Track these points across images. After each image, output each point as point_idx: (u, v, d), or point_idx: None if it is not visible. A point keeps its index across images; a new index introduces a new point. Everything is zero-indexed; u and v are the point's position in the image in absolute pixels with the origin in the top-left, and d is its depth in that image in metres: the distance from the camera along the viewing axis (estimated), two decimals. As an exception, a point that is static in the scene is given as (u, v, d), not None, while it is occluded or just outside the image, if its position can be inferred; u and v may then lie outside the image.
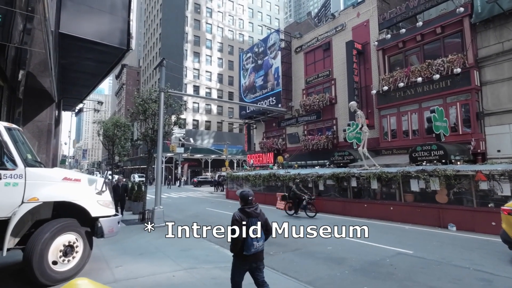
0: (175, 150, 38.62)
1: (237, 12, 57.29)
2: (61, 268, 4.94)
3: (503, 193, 9.32)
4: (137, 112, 12.28)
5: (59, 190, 5.00)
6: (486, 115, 14.38)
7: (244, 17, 58.25)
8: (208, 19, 53.37)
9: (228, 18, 56.00)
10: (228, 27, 55.69)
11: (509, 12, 13.48)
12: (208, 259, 6.77)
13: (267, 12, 62.12)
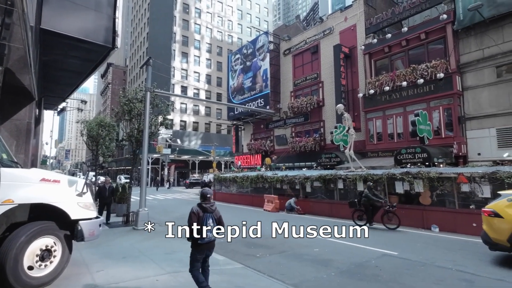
0: (162, 151, 38.07)
1: (226, 13, 57.20)
2: (38, 273, 4.72)
3: (483, 195, 9.59)
4: (122, 112, 11.98)
5: (36, 191, 4.78)
6: (468, 119, 14.82)
7: (233, 18, 58.22)
8: (197, 20, 53.04)
9: (217, 19, 55.83)
10: (217, 28, 55.51)
11: (489, 20, 13.97)
12: (194, 262, 6.63)
13: (256, 14, 62.31)
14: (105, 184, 12.17)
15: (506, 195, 6.35)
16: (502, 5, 13.59)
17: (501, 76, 14.04)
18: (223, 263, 6.66)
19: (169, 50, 48.96)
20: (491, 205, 6.51)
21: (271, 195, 16.85)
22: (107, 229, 10.19)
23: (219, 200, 22.47)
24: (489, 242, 6.36)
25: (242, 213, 15.80)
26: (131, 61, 65.34)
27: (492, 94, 14.18)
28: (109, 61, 73.77)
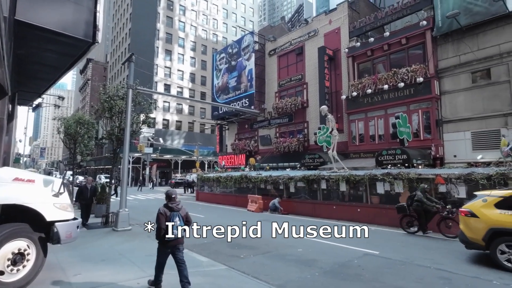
0: (143, 150, 37.23)
1: (211, 11, 56.71)
2: (9, 278, 4.45)
3: (459, 195, 9.98)
4: (102, 109, 11.58)
5: (9, 191, 4.51)
6: (445, 123, 15.40)
7: (218, 17, 57.80)
8: (181, 17, 52.26)
9: (202, 17, 55.25)
10: (202, 26, 54.92)
11: (466, 28, 14.58)
12: (176, 264, 6.48)
13: (241, 14, 62.16)
14: (86, 184, 11.51)
15: (481, 196, 6.62)
16: (478, 14, 14.22)
17: (476, 81, 14.68)
18: (207, 265, 6.57)
19: (152, 47, 47.95)
20: (468, 205, 6.77)
21: (255, 195, 16.83)
22: (84, 230, 9.81)
23: (202, 200, 22.23)
24: (466, 241, 6.61)
25: (225, 213, 15.69)
26: (112, 57, 63.50)
27: (467, 98, 14.80)
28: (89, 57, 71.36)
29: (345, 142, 18.86)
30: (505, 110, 13.55)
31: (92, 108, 18.10)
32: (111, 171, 12.50)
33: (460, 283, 5.44)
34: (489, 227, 6.14)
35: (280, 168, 21.91)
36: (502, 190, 6.62)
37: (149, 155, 39.11)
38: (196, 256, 7.26)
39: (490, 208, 6.28)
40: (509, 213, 6.01)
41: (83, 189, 11.11)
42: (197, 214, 14.99)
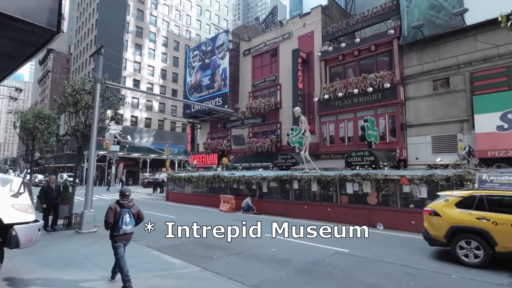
0: (110, 148, 35.47)
1: (184, 7, 55.46)
2: (-42, 288, 4.01)
3: (421, 195, 10.64)
4: (66, 103, 10.86)
5: (-41, 192, 4.07)
6: (408, 127, 16.34)
7: (192, 13, 56.68)
8: (153, 11, 50.54)
9: (175, 13, 53.84)
10: (175, 21, 53.53)
11: (429, 38, 15.59)
12: (147, 267, 6.26)
13: (215, 12, 61.48)
14: (49, 183, 10.21)
15: (444, 196, 7.11)
16: (439, 26, 15.27)
17: (436, 89, 15.75)
18: (179, 267, 6.40)
19: (120, 40, 45.85)
20: (431, 205, 7.23)
21: (227, 195, 16.71)
22: (44, 233, 9.12)
23: (173, 200, 21.67)
24: (429, 238, 7.05)
25: (197, 213, 15.41)
26: (77, 49, 59.86)
27: (428, 105, 15.83)
28: (51, 47, 66.64)
29: (317, 143, 19.35)
30: (461, 116, 14.68)
31: (54, 102, 16.65)
32: (75, 170, 11.73)
33: (423, 278, 5.79)
34: (450, 225, 6.61)
35: (253, 168, 21.97)
36: (462, 191, 7.15)
37: (115, 153, 37.32)
38: (168, 258, 7.05)
39: (451, 207, 6.76)
40: (468, 212, 6.50)
41: (46, 189, 9.93)
42: (168, 215, 14.58)
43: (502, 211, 6.22)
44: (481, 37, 14.35)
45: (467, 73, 14.67)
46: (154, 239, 9.26)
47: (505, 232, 5.98)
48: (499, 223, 6.07)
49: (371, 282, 5.62)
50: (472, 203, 6.57)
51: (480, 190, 6.76)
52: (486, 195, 6.54)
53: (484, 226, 6.22)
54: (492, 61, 14.02)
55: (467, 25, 14.32)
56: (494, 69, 13.87)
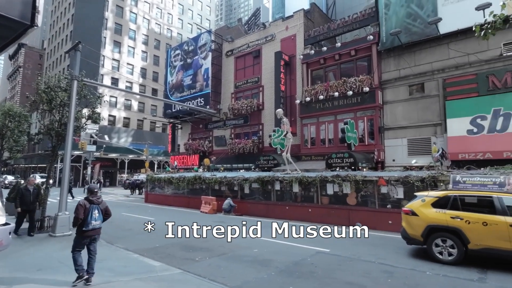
0: (85, 148, 34.17)
1: (166, 5, 54.51)
2: None
3: (398, 196, 11.02)
4: (40, 100, 10.36)
5: None
6: (386, 130, 16.91)
7: (173, 12, 55.80)
8: (133, 8, 49.30)
9: (156, 11, 52.80)
10: (156, 20, 52.48)
11: (405, 45, 16.23)
12: (126, 270, 6.08)
13: (198, 12, 60.88)
14: (27, 185, 9.49)
15: (421, 196, 7.40)
16: (415, 34, 15.94)
17: (412, 94, 16.41)
18: (160, 269, 6.26)
19: (98, 37, 44.33)
20: (409, 205, 7.50)
21: (208, 197, 16.56)
22: (15, 237, 8.65)
23: (152, 202, 21.18)
24: (407, 237, 7.31)
25: (177, 215, 15.14)
26: (51, 44, 57.28)
27: (405, 109, 16.47)
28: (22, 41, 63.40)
29: (298, 145, 19.59)
30: (435, 120, 15.39)
31: (26, 99, 15.76)
32: (48, 170, 11.19)
33: (400, 275, 6.00)
34: (427, 224, 6.89)
35: (235, 169, 21.90)
36: (438, 191, 7.48)
37: (91, 153, 35.98)
38: (148, 261, 6.88)
39: (427, 207, 7.05)
40: (443, 211, 6.81)
41: (23, 191, 9.23)
42: (147, 217, 14.23)
43: (474, 210, 6.55)
44: (453, 45, 15.13)
45: (440, 79, 15.41)
46: (134, 241, 9.03)
47: (477, 230, 6.31)
48: (471, 221, 6.39)
49: (351, 280, 5.76)
50: (447, 203, 6.88)
51: (454, 191, 7.09)
52: (460, 195, 6.87)
53: (458, 225, 6.53)
54: (463, 68, 14.81)
55: (441, 33, 15.05)
56: (465, 76, 14.65)
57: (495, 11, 4.56)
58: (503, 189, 6.71)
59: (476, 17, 12.94)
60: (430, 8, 15.51)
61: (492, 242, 6.16)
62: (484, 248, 6.25)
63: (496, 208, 6.31)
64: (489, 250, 6.22)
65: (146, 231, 10.06)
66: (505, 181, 6.81)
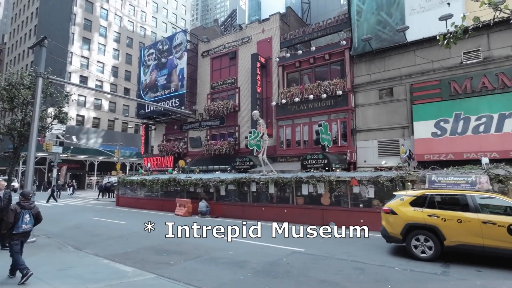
0: (51, 149, 32.23)
1: (139, 3, 52.98)
2: None
3: (369, 196, 11.46)
4: (0, 98, 9.67)
5: None
6: (358, 132, 17.54)
7: (147, 10, 54.36)
8: (104, 4, 47.42)
9: (129, 8, 51.16)
10: (128, 17, 50.84)
11: (376, 51, 16.96)
12: (97, 277, 5.82)
13: (173, 11, 59.77)
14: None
15: (399, 195, 7.70)
16: (385, 40, 16.71)
17: (382, 98, 17.16)
18: (133, 275, 6.05)
19: (66, 33, 42.18)
20: (388, 204, 7.77)
21: (183, 199, 16.25)
22: (-31, 246, 7.97)
23: (124, 205, 20.43)
24: (387, 235, 7.58)
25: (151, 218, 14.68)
26: (12, 39, 53.66)
27: (375, 112, 17.18)
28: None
29: (274, 147, 19.78)
30: (402, 123, 16.19)
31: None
32: (9, 173, 10.45)
33: (371, 272, 6.24)
34: (405, 223, 7.17)
35: (211, 171, 21.68)
36: (415, 191, 7.83)
37: (57, 155, 34.01)
38: (120, 266, 6.63)
39: (406, 206, 7.34)
40: (420, 209, 7.12)
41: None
42: (118, 221, 13.71)
43: (449, 208, 6.92)
44: (419, 52, 16.03)
45: (408, 84, 16.25)
46: (104, 246, 8.66)
47: (452, 227, 6.64)
48: (447, 219, 6.73)
49: (324, 278, 5.90)
50: (424, 201, 7.19)
51: (430, 190, 7.47)
52: (436, 194, 7.24)
53: (434, 223, 6.84)
54: (428, 74, 15.72)
55: (408, 41, 15.89)
56: (429, 81, 15.57)
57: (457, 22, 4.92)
58: (474, 187, 7.17)
59: (440, 26, 13.83)
60: (399, 17, 16.33)
61: (466, 238, 6.50)
62: (459, 244, 6.58)
63: (469, 206, 6.67)
64: (463, 245, 6.56)
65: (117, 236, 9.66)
66: (477, 180, 7.30)
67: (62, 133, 35.03)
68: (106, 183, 29.11)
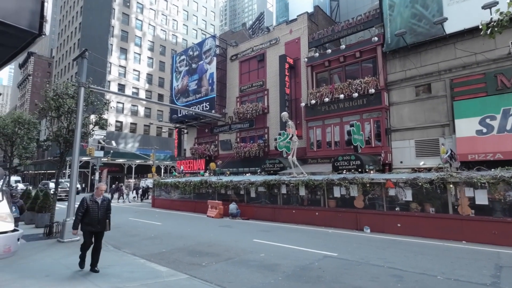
0: (93, 153, 34.56)
1: (171, 12, 55.21)
2: None
3: (406, 198, 10.86)
4: (48, 107, 10.53)
5: None
6: (393, 131, 16.72)
7: (178, 18, 56.47)
8: (139, 15, 50.05)
9: (161, 17, 53.50)
10: (161, 26, 53.16)
11: (411, 46, 16.08)
12: (133, 276, 6.08)
13: (202, 17, 61.50)
14: (95, 196, 7.03)
15: None
16: (420, 34, 15.79)
17: (418, 95, 16.21)
18: (167, 275, 6.25)
19: (105, 44, 45.09)
20: None
21: (215, 201, 16.55)
22: (24, 242, 8.75)
23: (158, 207, 21.28)
24: None
25: (184, 220, 15.18)
26: (59, 52, 58.40)
27: (411, 110, 16.27)
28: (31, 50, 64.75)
29: (304, 148, 19.49)
30: (442, 121, 15.15)
31: (35, 107, 15.75)
32: (57, 176, 11.34)
33: (410, 280, 5.88)
34: None
35: (241, 173, 21.87)
36: None
37: (99, 159, 36.39)
38: (155, 266, 6.88)
39: None
40: None
41: (89, 204, 7.42)
42: (154, 222, 14.28)
43: None
44: (460, 45, 14.93)
45: (447, 79, 15.20)
46: (141, 246, 9.05)
47: None
48: None
49: (359, 285, 5.66)
50: None
51: None
52: None
53: None
54: (470, 68, 14.58)
55: (447, 33, 14.87)
56: (472, 76, 14.43)
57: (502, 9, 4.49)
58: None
59: (483, 16, 12.75)
60: (436, 8, 15.36)
61: None
62: None
63: None
64: None
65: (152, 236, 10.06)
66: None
67: (103, 138, 37.45)
68: (142, 186, 30.35)
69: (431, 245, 8.82)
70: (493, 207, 9.27)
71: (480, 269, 6.33)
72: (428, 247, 8.50)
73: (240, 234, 10.78)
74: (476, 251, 8.04)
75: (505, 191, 9.10)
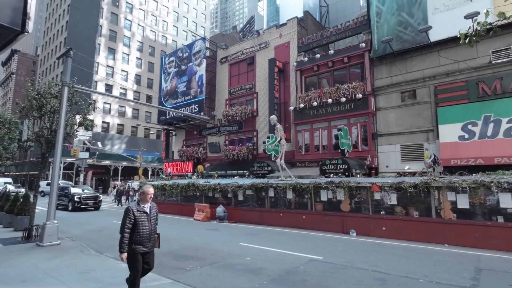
0: (78, 155, 33.73)
1: (161, 13, 54.78)
2: None
3: (391, 202, 11.01)
4: (30, 107, 10.22)
5: None
6: (379, 136, 17.00)
7: (168, 19, 56.07)
8: (128, 15, 49.44)
9: (151, 18, 53.01)
10: (150, 27, 52.65)
11: (397, 52, 16.45)
12: (115, 281, 5.92)
13: (193, 19, 61.27)
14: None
15: None
16: (406, 41, 16.18)
17: (404, 100, 16.57)
18: (149, 279, 6.09)
19: (92, 44, 44.29)
20: None
21: (202, 204, 16.39)
22: (0, 246, 8.41)
23: (145, 209, 20.85)
24: None
25: (170, 223, 14.93)
26: (44, 51, 57.01)
27: (397, 115, 16.60)
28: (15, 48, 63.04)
29: (292, 151, 19.58)
30: (427, 126, 15.52)
31: (17, 106, 15.20)
32: (38, 178, 10.98)
33: (393, 283, 5.93)
34: None
35: (229, 176, 21.77)
36: None
37: (84, 160, 35.54)
38: (138, 270, 6.70)
39: None
40: None
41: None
42: (139, 225, 13.98)
43: None
44: (444, 53, 15.37)
45: (432, 86, 15.60)
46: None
47: None
48: None
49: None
50: None
51: None
52: None
53: None
54: (453, 75, 15.02)
55: (431, 41, 15.30)
56: (455, 83, 14.86)
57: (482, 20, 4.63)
58: None
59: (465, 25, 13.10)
60: (421, 17, 15.78)
61: None
62: None
63: None
64: None
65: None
66: None
67: (88, 139, 36.60)
68: (119, 188, 27.58)
69: (414, 248, 8.96)
70: (474, 211, 9.51)
71: (461, 272, 6.46)
72: (412, 250, 8.63)
73: (227, 237, 10.68)
74: (457, 254, 8.21)
75: (485, 196, 9.35)
